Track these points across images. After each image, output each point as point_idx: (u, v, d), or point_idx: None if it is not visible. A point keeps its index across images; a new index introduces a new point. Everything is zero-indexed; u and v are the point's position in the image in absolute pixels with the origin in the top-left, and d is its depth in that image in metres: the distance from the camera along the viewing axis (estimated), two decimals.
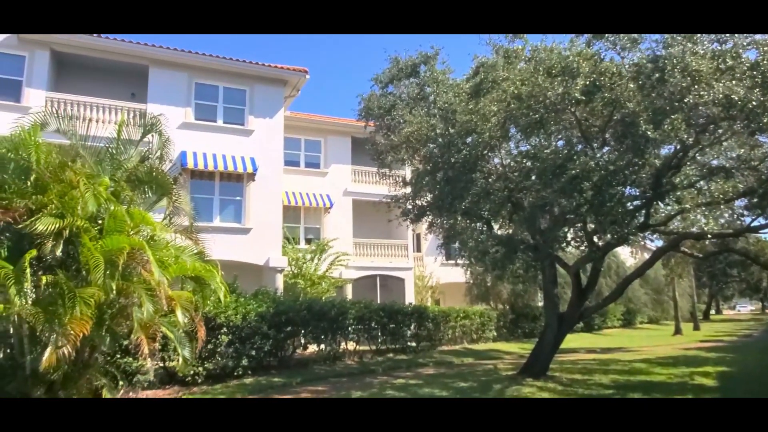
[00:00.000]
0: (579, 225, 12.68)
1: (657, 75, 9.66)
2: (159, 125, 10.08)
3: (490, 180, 12.81)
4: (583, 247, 13.63)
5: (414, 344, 18.19)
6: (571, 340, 19.78)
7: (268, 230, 17.81)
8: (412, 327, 18.23)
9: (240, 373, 12.57)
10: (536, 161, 11.64)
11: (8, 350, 8.47)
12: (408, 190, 16.09)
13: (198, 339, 9.46)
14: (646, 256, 21.75)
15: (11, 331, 8.33)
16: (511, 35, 12.57)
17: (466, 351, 19.22)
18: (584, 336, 26.88)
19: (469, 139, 12.68)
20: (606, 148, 12.04)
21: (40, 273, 7.76)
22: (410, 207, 15.77)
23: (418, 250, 26.70)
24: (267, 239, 17.71)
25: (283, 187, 19.38)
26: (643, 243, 16.53)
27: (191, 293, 9.18)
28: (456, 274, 25.05)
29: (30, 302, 7.31)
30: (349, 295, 20.40)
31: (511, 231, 14.35)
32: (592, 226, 12.42)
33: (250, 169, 17.44)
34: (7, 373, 8.24)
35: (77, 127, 9.59)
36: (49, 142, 8.94)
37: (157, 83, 17.02)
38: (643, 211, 11.81)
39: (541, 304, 24.89)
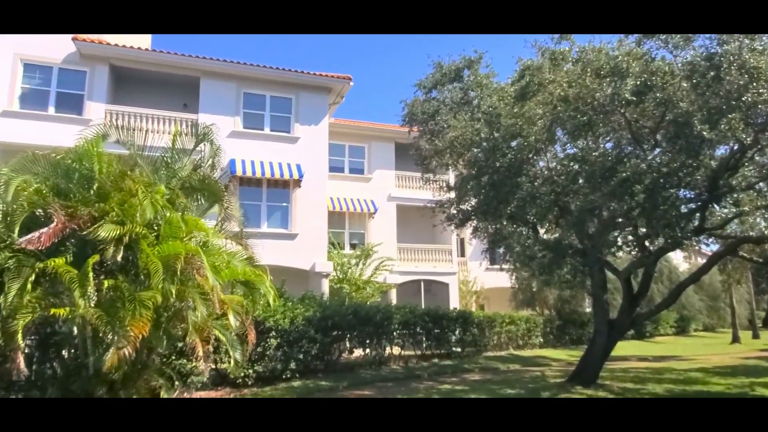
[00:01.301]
0: (630, 229, 12.35)
1: (712, 73, 9.34)
2: (211, 134, 10.43)
3: (535, 184, 12.64)
4: (634, 252, 13.25)
5: (459, 349, 18.08)
6: (621, 348, 19.20)
7: (313, 235, 18.11)
8: (456, 332, 18.12)
9: (288, 376, 12.82)
10: (584, 164, 11.42)
11: (73, 351, 8.91)
12: (452, 194, 16.07)
13: (248, 342, 9.71)
14: (701, 261, 20.94)
15: (75, 332, 8.81)
16: (557, 37, 12.41)
17: (512, 357, 18.95)
18: (635, 343, 26.01)
19: (514, 143, 12.58)
20: (658, 150, 11.70)
21: (101, 277, 8.14)
22: (454, 212, 15.73)
23: (462, 254, 26.54)
24: (313, 244, 18.00)
25: (328, 193, 19.66)
26: (697, 247, 15.94)
27: (242, 297, 9.45)
28: (501, 278, 24.77)
29: (93, 305, 7.72)
30: (394, 300, 20.48)
31: (558, 235, 14.10)
32: (644, 230, 12.07)
33: (296, 176, 17.79)
34: (72, 373, 8.70)
35: (135, 137, 10.05)
36: (110, 152, 9.37)
37: (207, 94, 17.63)
38: (698, 215, 11.40)
39: (589, 310, 24.30)
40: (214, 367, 12.11)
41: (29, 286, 7.53)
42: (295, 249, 17.68)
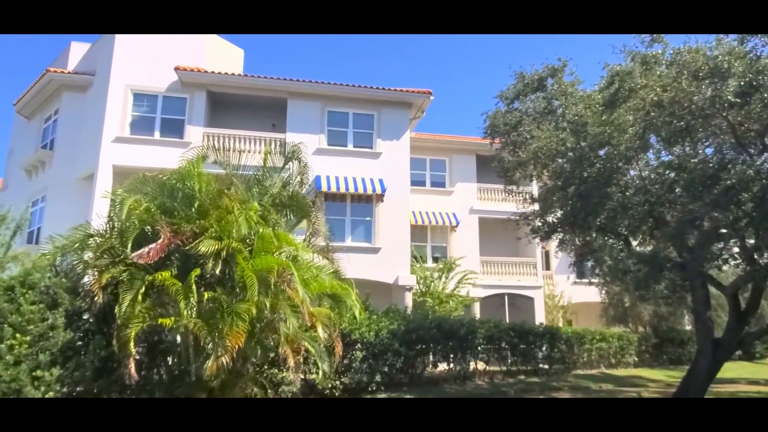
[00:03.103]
0: (736, 241, 11.44)
1: None
2: (299, 153, 10.91)
3: (627, 194, 12.04)
4: (741, 266, 12.25)
5: (546, 366, 17.44)
6: (728, 369, 17.66)
7: (396, 249, 18.29)
8: (543, 348, 17.50)
9: (374, 388, 12.96)
10: (682, 172, 10.76)
11: (177, 358, 9.55)
12: (536, 206, 15.66)
13: (335, 354, 9.98)
14: None
15: (179, 341, 9.44)
16: (648, 39, 11.85)
17: (604, 376, 18.01)
18: (744, 365, 23.82)
19: (602, 152, 12.11)
20: (766, 155, 10.80)
21: (201, 289, 8.66)
22: (539, 224, 15.30)
23: (548, 268, 25.69)
24: (396, 258, 18.19)
25: (410, 207, 19.81)
26: None
27: (329, 310, 9.72)
28: (589, 293, 23.65)
29: (194, 316, 8.25)
30: (477, 314, 20.16)
31: (653, 248, 13.33)
32: (752, 241, 11.14)
33: (378, 191, 18.11)
34: (176, 379, 9.33)
35: (230, 157, 10.72)
36: (208, 172, 10.04)
37: (294, 113, 18.47)
38: None
39: (689, 327, 22.65)
40: (303, 377, 12.50)
41: (140, 297, 8.21)
42: (379, 262, 17.93)
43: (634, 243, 13.96)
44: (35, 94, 19.37)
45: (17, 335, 8.27)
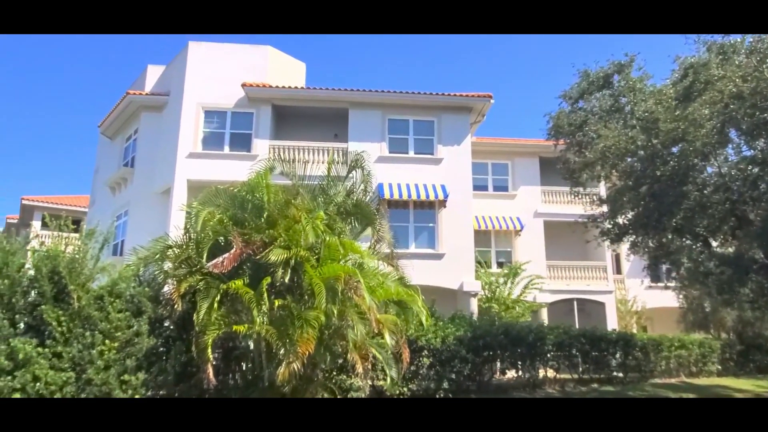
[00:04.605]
0: None
1: None
2: (362, 161, 11.07)
3: (705, 192, 11.45)
4: None
5: (621, 375, 16.70)
6: None
7: (460, 255, 18.16)
8: (617, 355, 16.79)
9: (441, 396, 12.88)
10: (766, 167, 10.10)
11: (250, 364, 9.90)
12: (605, 208, 15.14)
13: (403, 360, 10.00)
14: None
15: (251, 347, 9.80)
16: None
17: (685, 386, 17.03)
18: None
19: (676, 149, 11.61)
20: None
21: (272, 297, 8.93)
22: (609, 226, 14.79)
23: (618, 272, 24.70)
24: (460, 264, 18.05)
25: (473, 212, 19.62)
26: None
27: (395, 317, 9.78)
28: (665, 298, 22.52)
29: (266, 322, 8.54)
30: (545, 320, 19.65)
31: (735, 249, 12.55)
32: None
33: (441, 197, 18.08)
34: (250, 384, 9.68)
35: (295, 168, 11.03)
36: (276, 183, 10.38)
37: (355, 123, 18.81)
38: None
39: None
40: (371, 383, 12.61)
41: (215, 305, 8.59)
42: (443, 268, 17.85)
43: (714, 244, 13.22)
44: (117, 115, 20.78)
45: (106, 341, 8.84)
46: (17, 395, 8.26)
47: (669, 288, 19.54)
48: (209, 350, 8.32)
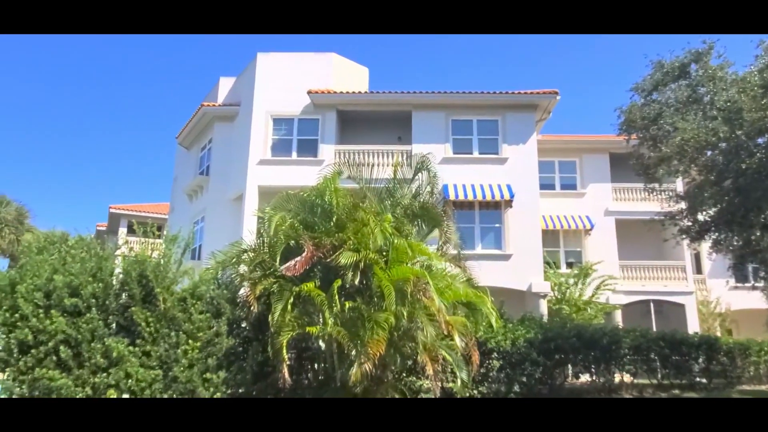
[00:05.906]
0: None
1: None
2: (427, 163, 11.13)
3: None
4: None
5: (704, 381, 15.80)
6: None
7: (528, 255, 17.82)
8: (700, 360, 15.90)
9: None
10: None
11: (323, 365, 10.17)
12: (684, 204, 14.41)
13: (472, 363, 9.96)
14: None
15: (323, 348, 10.07)
16: None
17: None
18: None
19: (761, 140, 10.91)
20: None
21: (342, 299, 9.14)
22: (689, 223, 14.08)
23: (699, 272, 23.38)
24: (528, 264, 17.72)
25: (541, 211, 19.19)
26: None
27: (464, 318, 9.75)
28: (752, 299, 21.01)
29: (337, 324, 8.75)
30: (620, 322, 18.90)
31: None
32: None
33: (507, 197, 17.82)
34: (323, 384, 9.96)
35: (362, 172, 11.24)
36: (343, 187, 10.60)
37: (419, 125, 18.89)
38: None
39: None
40: (441, 385, 12.60)
41: (289, 307, 8.90)
42: (510, 269, 17.58)
43: None
44: (192, 126, 21.93)
45: (190, 341, 9.37)
46: (111, 391, 8.91)
47: (756, 288, 18.27)
48: (284, 350, 8.64)
